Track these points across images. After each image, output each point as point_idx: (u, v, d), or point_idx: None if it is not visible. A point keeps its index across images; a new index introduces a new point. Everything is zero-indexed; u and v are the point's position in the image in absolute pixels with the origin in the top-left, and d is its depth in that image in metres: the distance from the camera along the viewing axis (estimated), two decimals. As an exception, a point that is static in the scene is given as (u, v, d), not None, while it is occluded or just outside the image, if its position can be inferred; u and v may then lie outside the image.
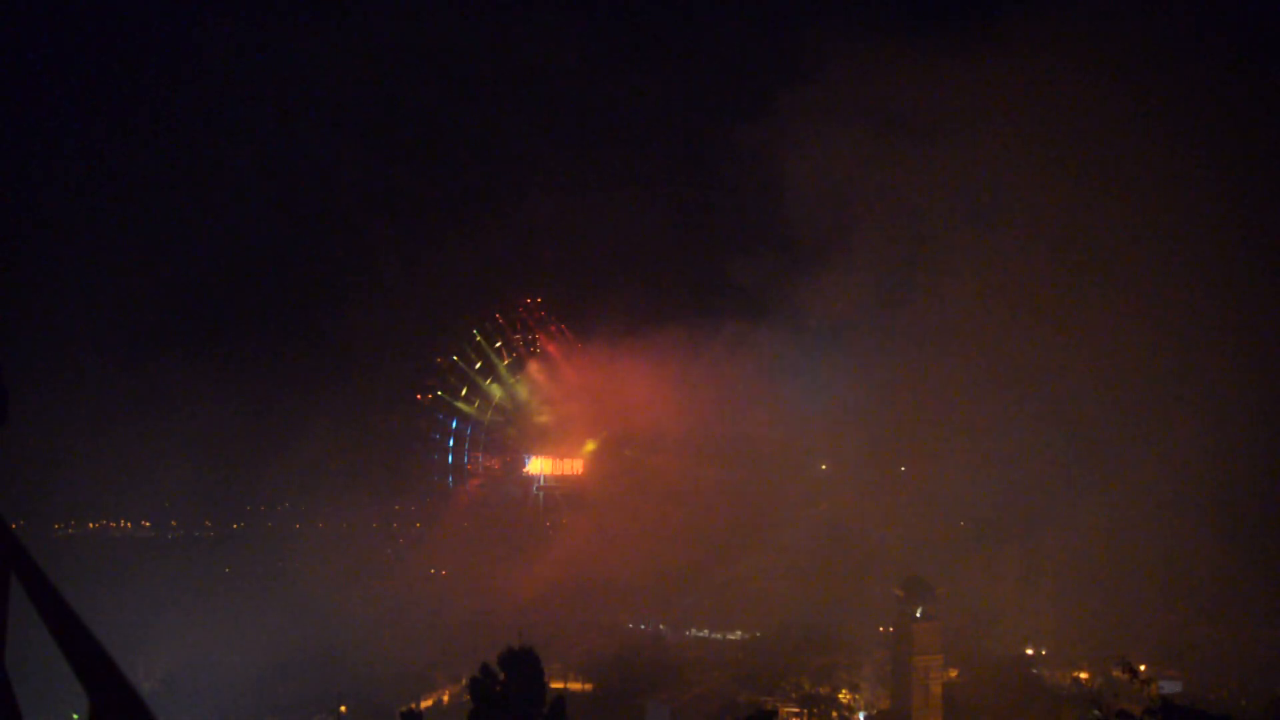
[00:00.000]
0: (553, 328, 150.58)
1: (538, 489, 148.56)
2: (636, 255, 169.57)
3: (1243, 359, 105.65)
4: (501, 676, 33.45)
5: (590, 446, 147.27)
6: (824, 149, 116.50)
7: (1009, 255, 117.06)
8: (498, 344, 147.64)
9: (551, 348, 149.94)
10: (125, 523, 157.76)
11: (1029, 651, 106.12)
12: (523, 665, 33.54)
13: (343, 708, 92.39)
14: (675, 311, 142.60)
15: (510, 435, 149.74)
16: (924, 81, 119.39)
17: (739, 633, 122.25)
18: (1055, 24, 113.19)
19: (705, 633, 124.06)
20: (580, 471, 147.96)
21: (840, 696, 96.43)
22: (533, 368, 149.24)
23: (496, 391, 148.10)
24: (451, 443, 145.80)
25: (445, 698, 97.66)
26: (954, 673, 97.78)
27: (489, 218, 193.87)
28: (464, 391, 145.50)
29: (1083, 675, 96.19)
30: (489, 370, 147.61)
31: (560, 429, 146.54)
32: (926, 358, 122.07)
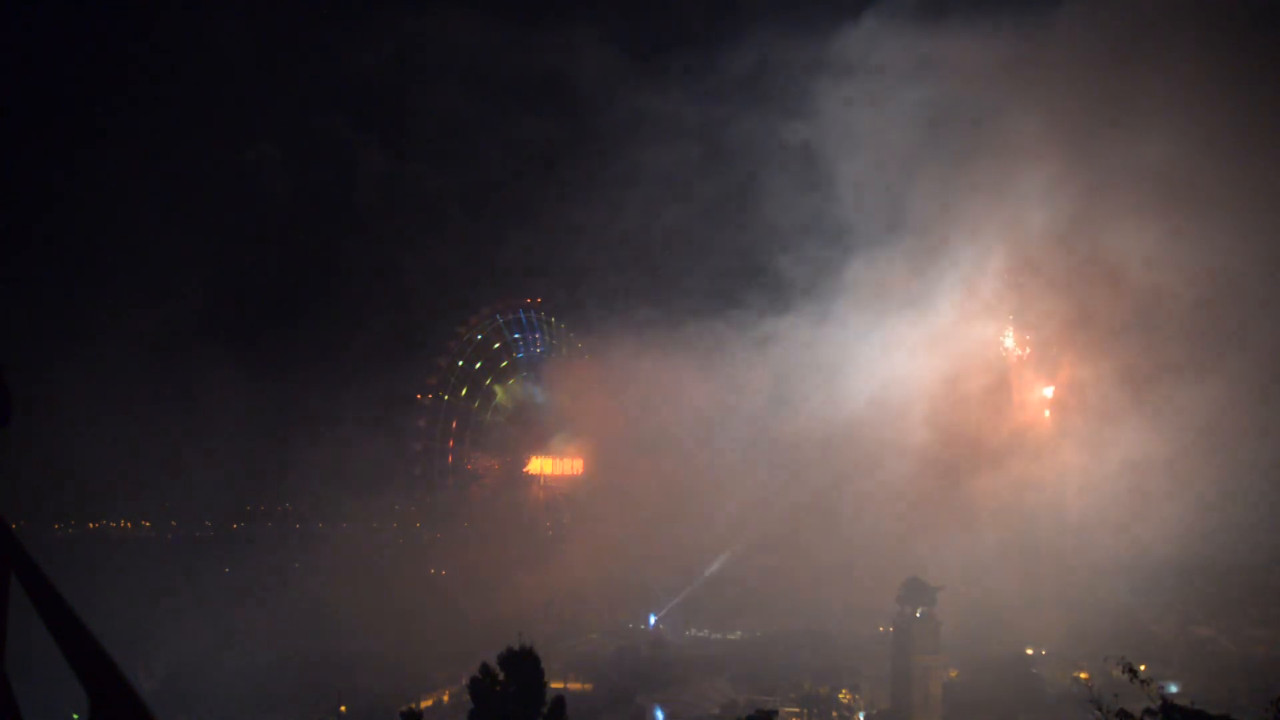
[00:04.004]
0: (555, 328, 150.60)
1: (538, 489, 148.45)
2: (640, 254, 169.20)
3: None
4: (501, 676, 33.38)
5: (591, 446, 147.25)
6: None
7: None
8: (497, 344, 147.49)
9: (553, 348, 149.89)
10: (125, 523, 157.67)
11: (1029, 651, 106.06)
12: (523, 665, 33.47)
13: (343, 708, 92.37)
14: (677, 312, 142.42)
15: (510, 435, 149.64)
16: None
17: (739, 633, 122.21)
18: None
19: (705, 633, 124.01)
20: (581, 471, 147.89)
21: (840, 696, 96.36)
22: (534, 368, 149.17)
23: (497, 391, 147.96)
24: (451, 443, 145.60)
25: (445, 698, 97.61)
26: (954, 673, 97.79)
27: (491, 218, 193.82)
28: (464, 391, 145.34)
29: (1083, 675, 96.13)
30: (490, 370, 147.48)
31: (561, 429, 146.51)
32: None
